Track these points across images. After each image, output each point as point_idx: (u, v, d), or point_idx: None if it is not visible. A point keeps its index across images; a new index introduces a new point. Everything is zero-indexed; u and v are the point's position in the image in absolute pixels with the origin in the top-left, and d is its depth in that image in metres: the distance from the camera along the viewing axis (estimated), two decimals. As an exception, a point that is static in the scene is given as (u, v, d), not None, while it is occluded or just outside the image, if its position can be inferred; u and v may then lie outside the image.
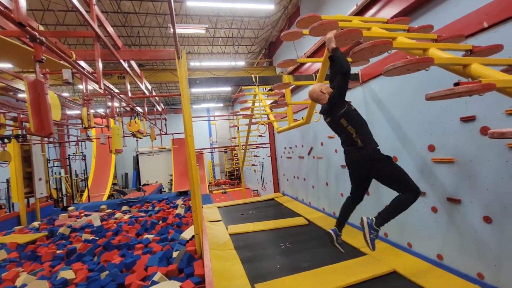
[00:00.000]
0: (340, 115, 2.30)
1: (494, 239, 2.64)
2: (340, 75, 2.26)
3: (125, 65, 3.18)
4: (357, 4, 4.22)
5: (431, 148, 3.26)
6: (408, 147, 3.61)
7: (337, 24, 2.09)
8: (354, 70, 4.44)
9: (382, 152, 2.32)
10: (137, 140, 7.03)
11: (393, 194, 2.31)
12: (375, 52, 1.72)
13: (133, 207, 6.88)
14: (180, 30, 6.70)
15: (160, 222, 4.98)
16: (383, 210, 2.27)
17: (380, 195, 4.09)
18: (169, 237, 4.03)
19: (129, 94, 3.69)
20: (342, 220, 2.63)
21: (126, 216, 5.71)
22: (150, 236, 4.11)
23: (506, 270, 2.55)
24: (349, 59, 3.58)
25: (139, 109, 5.41)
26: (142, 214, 5.92)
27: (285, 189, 9.05)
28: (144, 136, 6.04)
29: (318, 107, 2.87)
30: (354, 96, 4.66)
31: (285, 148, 8.58)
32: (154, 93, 5.50)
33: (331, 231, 2.62)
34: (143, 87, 4.33)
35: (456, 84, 1.08)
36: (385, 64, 1.45)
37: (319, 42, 5.38)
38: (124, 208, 6.80)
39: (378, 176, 2.36)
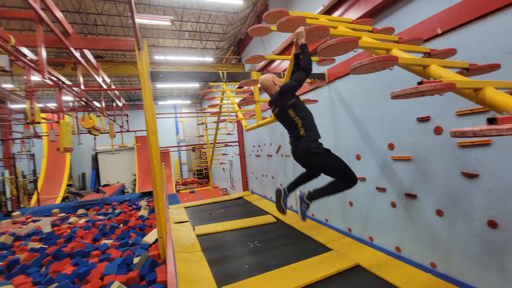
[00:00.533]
0: (288, 106, 2.37)
1: (445, 231, 2.85)
2: (302, 71, 2.31)
3: (77, 54, 2.86)
4: (323, 5, 4.29)
5: (391, 147, 3.43)
6: (371, 145, 3.77)
7: (304, 20, 2.07)
8: (320, 69, 4.53)
9: (326, 147, 2.38)
10: (94, 138, 6.50)
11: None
12: (342, 50, 1.72)
13: (90, 210, 6.35)
14: (142, 20, 6.27)
15: (121, 225, 4.64)
16: (318, 188, 2.40)
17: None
18: (130, 241, 3.75)
19: (82, 86, 3.34)
20: (293, 186, 2.67)
21: (82, 220, 5.24)
22: (109, 242, 3.79)
23: (455, 259, 2.77)
24: (316, 58, 3.65)
25: (96, 103, 4.97)
26: (101, 217, 5.48)
27: (254, 187, 9.05)
28: (102, 133, 5.59)
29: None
30: (321, 95, 4.76)
31: (253, 146, 8.56)
32: (113, 87, 5.09)
33: (281, 188, 2.65)
34: (99, 80, 3.97)
35: (420, 83, 1.11)
36: (350, 64, 1.46)
37: (288, 40, 5.40)
38: (80, 211, 6.25)
39: (319, 168, 2.45)
